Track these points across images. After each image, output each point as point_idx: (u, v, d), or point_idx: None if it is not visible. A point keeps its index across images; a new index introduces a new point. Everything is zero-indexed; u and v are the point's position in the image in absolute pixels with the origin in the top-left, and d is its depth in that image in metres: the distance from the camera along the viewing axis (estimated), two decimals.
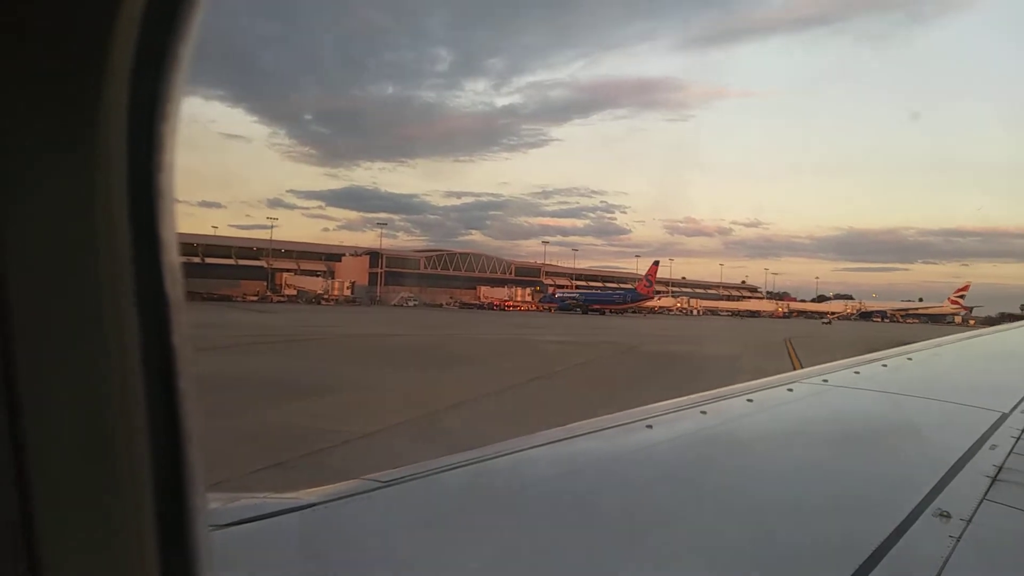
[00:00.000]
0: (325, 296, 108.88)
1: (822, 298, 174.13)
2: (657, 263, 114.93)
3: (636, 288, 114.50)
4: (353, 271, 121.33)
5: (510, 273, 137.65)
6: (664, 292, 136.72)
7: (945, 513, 2.12)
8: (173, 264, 0.70)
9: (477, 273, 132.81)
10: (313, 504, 1.79)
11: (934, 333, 8.71)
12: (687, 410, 3.28)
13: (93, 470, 0.65)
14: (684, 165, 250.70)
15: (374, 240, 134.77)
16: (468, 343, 36.12)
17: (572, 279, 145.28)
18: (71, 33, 0.61)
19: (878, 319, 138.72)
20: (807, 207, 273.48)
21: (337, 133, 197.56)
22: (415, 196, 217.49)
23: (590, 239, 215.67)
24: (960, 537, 1.97)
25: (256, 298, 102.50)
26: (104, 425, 0.65)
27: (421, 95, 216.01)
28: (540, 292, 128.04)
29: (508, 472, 2.32)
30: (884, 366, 4.97)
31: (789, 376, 4.31)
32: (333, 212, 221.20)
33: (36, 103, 0.61)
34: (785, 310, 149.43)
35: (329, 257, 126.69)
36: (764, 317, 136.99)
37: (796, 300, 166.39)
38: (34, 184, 0.62)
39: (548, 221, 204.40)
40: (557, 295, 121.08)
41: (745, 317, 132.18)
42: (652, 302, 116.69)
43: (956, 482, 2.45)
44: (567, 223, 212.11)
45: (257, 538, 1.62)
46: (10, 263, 0.62)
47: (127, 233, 0.66)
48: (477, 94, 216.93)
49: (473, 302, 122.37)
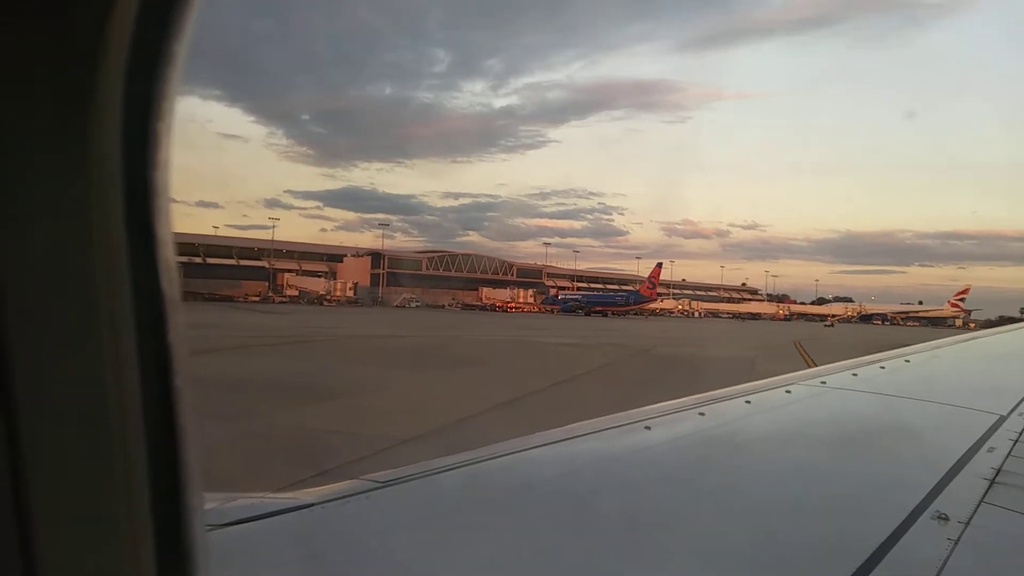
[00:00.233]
0: (327, 297, 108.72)
1: (822, 300, 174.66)
2: (660, 265, 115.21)
3: (639, 290, 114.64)
4: (355, 272, 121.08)
5: (512, 274, 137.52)
6: (665, 294, 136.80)
7: (943, 515, 2.12)
8: (169, 262, 0.70)
9: (479, 274, 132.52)
10: (311, 504, 1.79)
11: (935, 336, 8.70)
12: (685, 411, 3.27)
13: (89, 469, 0.65)
14: (681, 167, 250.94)
15: (372, 241, 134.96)
16: (481, 346, 35.81)
17: (573, 280, 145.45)
18: (66, 32, 0.61)
19: (878, 322, 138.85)
20: (804, 209, 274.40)
21: (335, 133, 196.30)
22: (413, 197, 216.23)
23: (587, 240, 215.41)
24: (958, 539, 1.97)
25: (258, 299, 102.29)
26: (100, 424, 0.65)
27: (419, 96, 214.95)
28: (542, 294, 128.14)
29: (506, 473, 2.31)
30: (882, 368, 4.91)
31: (787, 378, 4.28)
32: (331, 212, 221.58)
33: (32, 102, 0.61)
34: (786, 312, 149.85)
35: (330, 258, 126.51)
36: (765, 319, 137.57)
37: (796, 302, 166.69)
38: (30, 183, 0.62)
39: (545, 222, 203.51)
40: (560, 297, 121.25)
41: (746, 320, 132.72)
42: (653, 304, 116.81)
43: (954, 484, 2.44)
44: (564, 224, 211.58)
45: (255, 538, 1.62)
46: (6, 262, 0.62)
47: (123, 231, 0.66)
48: (475, 95, 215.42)
49: (475, 303, 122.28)
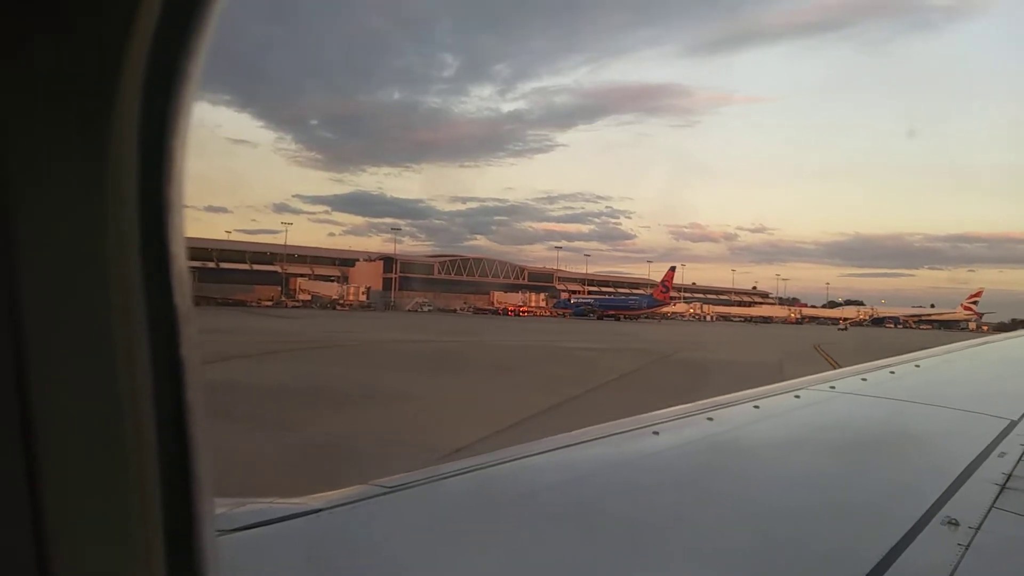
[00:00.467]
0: (340, 301, 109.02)
1: (833, 304, 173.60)
2: (673, 268, 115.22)
3: (652, 294, 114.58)
4: (367, 276, 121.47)
5: (523, 278, 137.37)
6: (676, 298, 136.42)
7: (953, 521, 2.10)
8: (182, 276, 0.71)
9: (490, 278, 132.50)
10: (320, 509, 1.80)
11: (950, 340, 8.60)
12: (694, 416, 3.26)
13: (102, 476, 0.67)
14: (689, 171, 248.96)
15: (380, 245, 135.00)
16: (506, 351, 35.33)
17: (585, 284, 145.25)
18: (87, 51, 0.63)
19: (891, 325, 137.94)
20: (813, 212, 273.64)
21: (343, 138, 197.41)
22: (421, 201, 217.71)
23: (595, 244, 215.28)
24: (969, 545, 1.96)
25: (271, 303, 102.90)
26: (113, 432, 0.67)
27: (427, 100, 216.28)
28: (554, 298, 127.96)
29: (514, 478, 2.31)
30: (892, 373, 4.90)
31: (796, 383, 4.27)
32: (339, 217, 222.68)
33: (52, 118, 0.63)
34: (797, 316, 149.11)
35: (342, 262, 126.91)
36: (777, 323, 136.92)
37: (807, 306, 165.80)
38: (48, 196, 0.64)
39: (553, 226, 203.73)
40: (572, 300, 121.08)
41: (758, 323, 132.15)
42: (665, 308, 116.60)
43: (964, 490, 2.42)
44: (572, 228, 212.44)
45: (264, 543, 1.63)
46: (23, 274, 0.63)
47: (137, 245, 0.67)
48: (483, 100, 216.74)
49: (486, 307, 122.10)
